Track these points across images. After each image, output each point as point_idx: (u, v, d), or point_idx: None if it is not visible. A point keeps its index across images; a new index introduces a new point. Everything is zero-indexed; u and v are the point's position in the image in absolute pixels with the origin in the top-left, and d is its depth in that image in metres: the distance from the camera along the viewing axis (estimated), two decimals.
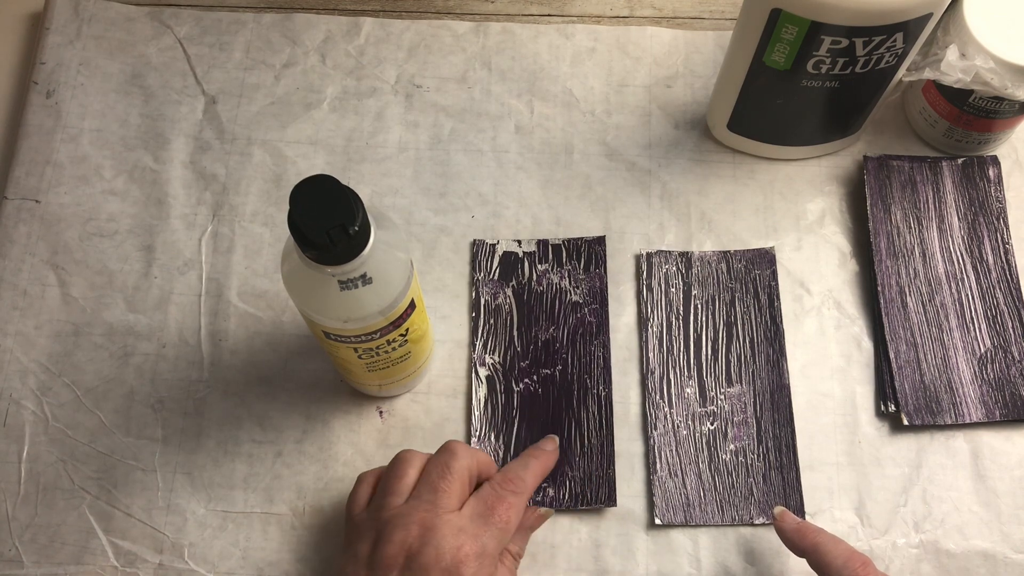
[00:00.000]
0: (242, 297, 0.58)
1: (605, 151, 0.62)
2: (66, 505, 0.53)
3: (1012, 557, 0.52)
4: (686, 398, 0.55)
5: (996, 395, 0.55)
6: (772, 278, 0.58)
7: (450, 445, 0.48)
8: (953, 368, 0.56)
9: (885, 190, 0.59)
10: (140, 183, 0.60)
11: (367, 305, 0.43)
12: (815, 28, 0.49)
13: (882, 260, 0.58)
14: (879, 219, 0.59)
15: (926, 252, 0.58)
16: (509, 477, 0.48)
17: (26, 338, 0.57)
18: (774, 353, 0.56)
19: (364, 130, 0.62)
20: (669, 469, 0.54)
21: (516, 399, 0.55)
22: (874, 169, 0.60)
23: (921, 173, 0.60)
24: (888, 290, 0.57)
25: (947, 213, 0.59)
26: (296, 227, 0.39)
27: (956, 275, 0.58)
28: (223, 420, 0.55)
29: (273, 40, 0.64)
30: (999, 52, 0.53)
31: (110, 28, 0.64)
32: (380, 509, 0.46)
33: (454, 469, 0.47)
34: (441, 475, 0.46)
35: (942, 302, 0.57)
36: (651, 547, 0.53)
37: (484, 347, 0.57)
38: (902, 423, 0.54)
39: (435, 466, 0.47)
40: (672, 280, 0.58)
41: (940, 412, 0.55)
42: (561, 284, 0.58)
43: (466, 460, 0.47)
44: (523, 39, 0.64)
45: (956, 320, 0.57)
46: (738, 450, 0.54)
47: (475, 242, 0.59)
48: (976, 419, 0.54)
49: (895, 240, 0.58)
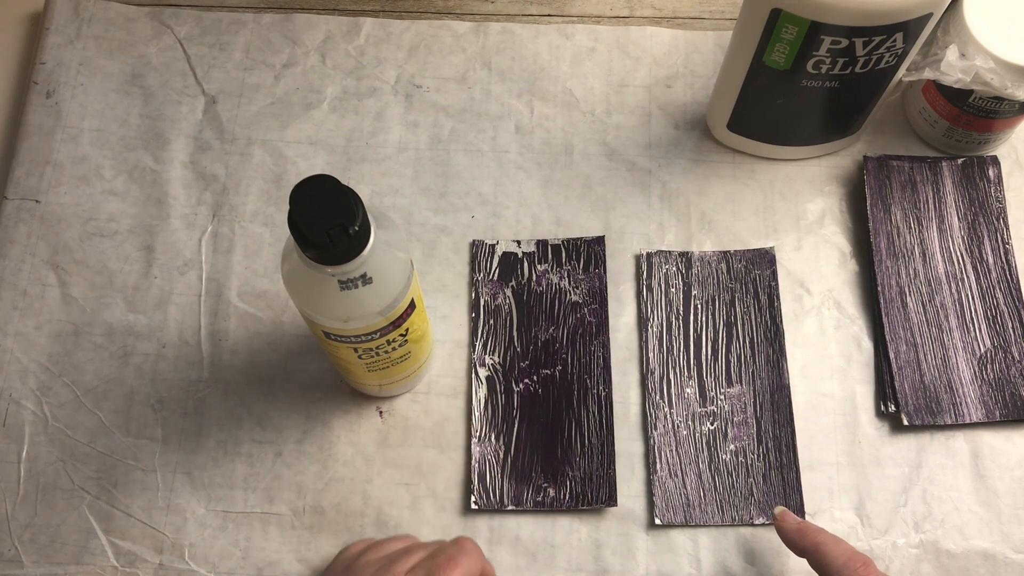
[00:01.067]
0: (242, 297, 0.58)
1: (605, 151, 0.62)
2: (66, 505, 0.53)
3: (1012, 557, 0.52)
4: (686, 398, 0.55)
5: (996, 395, 0.55)
6: (772, 278, 0.58)
7: (465, 543, 0.47)
8: (953, 368, 0.56)
9: (885, 190, 0.59)
10: (140, 183, 0.60)
11: (367, 305, 0.43)
12: (815, 28, 0.49)
13: (882, 260, 0.58)
14: (879, 219, 0.59)
15: (926, 252, 0.58)
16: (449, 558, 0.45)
17: (26, 338, 0.57)
18: (774, 353, 0.56)
19: (364, 130, 0.62)
20: (669, 469, 0.54)
21: (516, 399, 0.55)
22: (874, 169, 0.60)
23: (921, 173, 0.60)
24: (888, 290, 0.57)
25: (947, 213, 0.59)
26: (296, 227, 0.39)
27: (956, 275, 0.58)
28: (223, 420, 0.55)
29: (273, 40, 0.64)
30: (999, 52, 0.53)
31: (110, 28, 0.64)
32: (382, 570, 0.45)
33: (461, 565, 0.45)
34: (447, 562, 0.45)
35: (942, 302, 0.57)
36: (651, 547, 0.53)
37: (484, 347, 0.57)
38: (902, 423, 0.54)
39: (443, 555, 0.45)
40: (672, 280, 0.58)
41: (940, 412, 0.55)
42: (560, 284, 0.58)
43: (475, 563, 0.46)
44: (523, 39, 0.64)
45: (956, 320, 0.57)
46: (738, 450, 0.54)
47: (474, 242, 0.59)
48: (976, 419, 0.54)
49: (895, 240, 0.58)
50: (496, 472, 0.54)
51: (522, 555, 0.53)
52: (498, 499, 0.53)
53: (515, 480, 0.54)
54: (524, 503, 0.53)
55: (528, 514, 0.53)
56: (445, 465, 0.54)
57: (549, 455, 0.54)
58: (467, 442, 0.55)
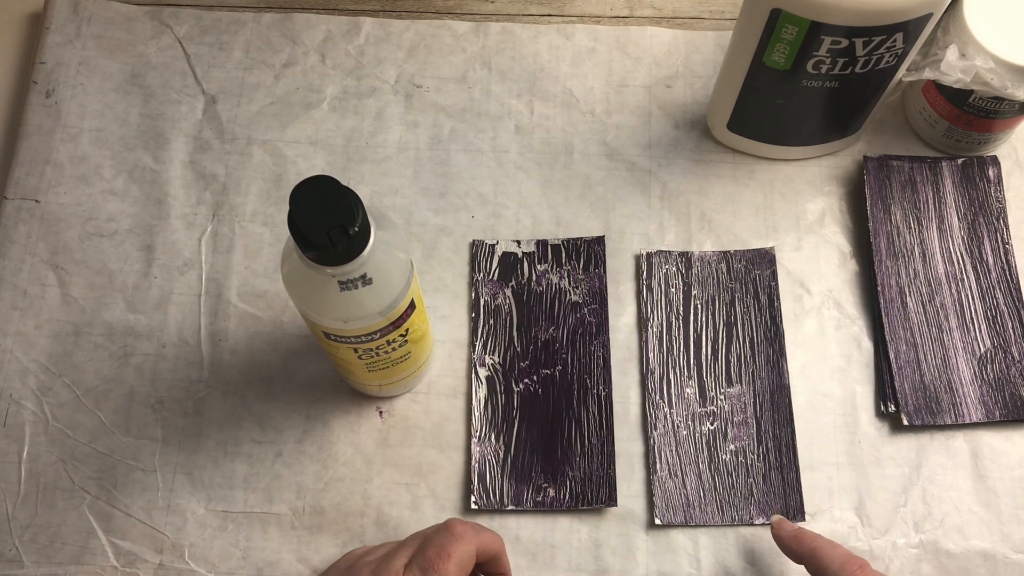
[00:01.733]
0: (242, 297, 0.58)
1: (605, 151, 0.62)
2: (66, 505, 0.53)
3: (1012, 557, 0.52)
4: (686, 398, 0.55)
5: (996, 395, 0.55)
6: (772, 278, 0.58)
7: (454, 527, 0.46)
8: (953, 368, 0.56)
9: (885, 190, 0.59)
10: (140, 183, 0.60)
11: (367, 305, 0.43)
12: (815, 28, 0.49)
13: (882, 260, 0.58)
14: (879, 219, 0.59)
15: (926, 252, 0.58)
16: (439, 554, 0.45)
17: (26, 338, 0.57)
18: (774, 353, 0.56)
19: (364, 130, 0.62)
20: (669, 469, 0.54)
21: (516, 399, 0.55)
22: (874, 169, 0.60)
23: (921, 173, 0.60)
24: (888, 290, 0.57)
25: (947, 213, 0.59)
26: (296, 228, 0.39)
27: (956, 275, 0.58)
28: (223, 420, 0.55)
29: (273, 40, 0.64)
30: (999, 52, 0.53)
31: (110, 27, 0.64)
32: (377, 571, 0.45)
33: (453, 554, 0.44)
34: (438, 555, 0.44)
35: (942, 302, 0.57)
36: (651, 547, 0.53)
37: (484, 347, 0.57)
38: (902, 423, 0.54)
39: (433, 546, 0.44)
40: (672, 280, 0.58)
41: (940, 412, 0.55)
42: (560, 284, 0.58)
43: (467, 546, 0.45)
44: (523, 39, 0.64)
45: (956, 320, 0.57)
46: (738, 450, 0.54)
47: (474, 242, 0.59)
48: (976, 419, 0.54)
49: (895, 240, 0.58)
50: (496, 472, 0.54)
51: (522, 555, 0.53)
52: (498, 499, 0.53)
53: (515, 480, 0.54)
54: (524, 503, 0.53)
55: (528, 514, 0.54)
56: (445, 465, 0.54)
57: (549, 455, 0.54)
58: (467, 442, 0.55)
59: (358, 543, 0.53)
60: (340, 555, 0.52)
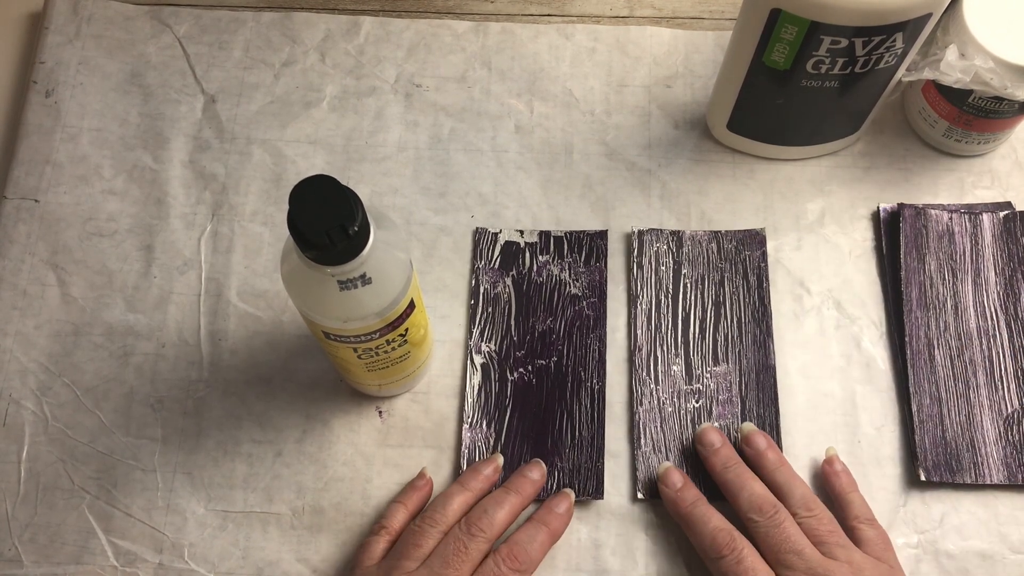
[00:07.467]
0: (242, 297, 0.58)
1: (605, 151, 0.62)
2: (66, 505, 0.53)
3: (1010, 557, 0.52)
4: (672, 376, 0.56)
5: (1021, 458, 0.53)
6: (762, 259, 0.58)
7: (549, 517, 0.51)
8: (977, 426, 0.54)
9: (921, 239, 0.57)
10: (139, 182, 0.60)
11: (367, 305, 0.43)
12: (815, 28, 0.49)
13: (912, 310, 0.56)
14: (912, 268, 0.57)
15: (959, 305, 0.56)
16: (515, 553, 0.49)
17: (26, 338, 0.57)
18: (761, 333, 0.56)
19: (364, 129, 0.62)
20: (653, 445, 0.54)
21: (510, 388, 0.55)
22: (911, 217, 0.58)
23: (960, 224, 0.58)
24: (916, 341, 0.55)
25: (984, 267, 0.57)
26: (296, 227, 0.39)
27: (988, 331, 0.56)
28: (223, 420, 0.55)
29: (272, 39, 0.64)
30: (999, 52, 0.53)
31: (109, 27, 0.64)
32: (392, 570, 0.47)
33: (471, 549, 0.48)
34: (456, 552, 0.48)
35: (971, 357, 0.55)
36: (650, 547, 0.53)
37: (481, 335, 0.57)
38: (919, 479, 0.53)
39: (454, 540, 0.48)
40: (663, 258, 0.58)
41: (960, 471, 0.53)
42: (561, 276, 0.58)
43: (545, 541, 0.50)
44: (523, 39, 0.64)
45: (984, 377, 0.55)
46: (722, 428, 0.54)
47: (477, 230, 0.59)
48: (997, 481, 0.53)
49: (927, 291, 0.56)
50: None
51: None
52: None
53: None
54: None
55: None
56: (444, 465, 0.54)
57: (539, 445, 0.54)
58: (459, 429, 0.55)
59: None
60: (340, 555, 0.52)
